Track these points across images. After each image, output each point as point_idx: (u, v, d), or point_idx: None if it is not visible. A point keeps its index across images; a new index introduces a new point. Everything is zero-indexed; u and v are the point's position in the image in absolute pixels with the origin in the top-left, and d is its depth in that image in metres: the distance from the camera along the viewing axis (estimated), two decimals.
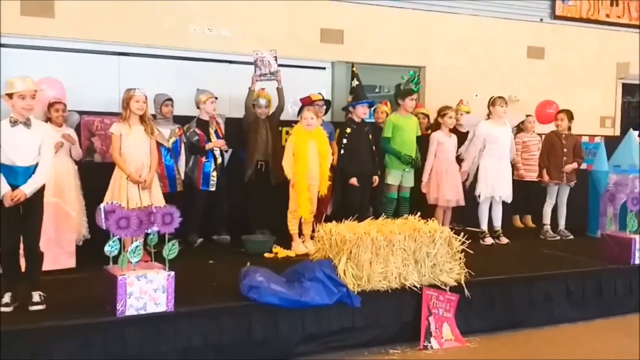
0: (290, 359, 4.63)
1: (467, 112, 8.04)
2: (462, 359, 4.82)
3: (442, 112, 7.41)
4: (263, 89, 7.03)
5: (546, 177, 7.67)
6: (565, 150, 7.65)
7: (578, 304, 5.79)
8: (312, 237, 5.94)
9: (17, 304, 4.29)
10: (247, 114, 6.93)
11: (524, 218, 8.75)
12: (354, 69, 7.32)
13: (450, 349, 4.96)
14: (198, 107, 6.79)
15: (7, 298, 4.28)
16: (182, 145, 6.64)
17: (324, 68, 8.27)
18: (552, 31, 9.57)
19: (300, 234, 6.52)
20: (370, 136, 7.01)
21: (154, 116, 6.39)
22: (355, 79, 7.15)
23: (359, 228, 5.09)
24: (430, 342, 4.97)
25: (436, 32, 8.76)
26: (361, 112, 6.99)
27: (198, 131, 6.69)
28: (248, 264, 5.03)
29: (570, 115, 7.68)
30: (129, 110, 5.56)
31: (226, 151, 6.95)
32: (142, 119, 5.62)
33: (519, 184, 7.77)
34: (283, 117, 7.21)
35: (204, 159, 6.69)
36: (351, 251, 4.88)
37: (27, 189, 4.29)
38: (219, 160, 6.79)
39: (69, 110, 6.35)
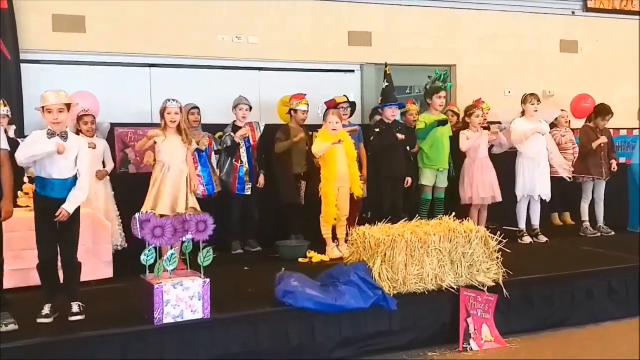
0: None
1: (489, 109, 7.90)
2: None
3: (469, 112, 7.33)
4: (304, 95, 7.02)
5: (587, 173, 7.51)
6: (603, 145, 7.54)
7: (621, 302, 5.64)
8: (346, 241, 5.91)
9: (57, 315, 4.36)
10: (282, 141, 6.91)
11: (562, 215, 8.59)
12: (387, 69, 7.26)
13: (491, 351, 4.88)
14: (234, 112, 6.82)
15: (46, 309, 4.34)
16: (212, 153, 6.68)
17: (352, 71, 8.24)
18: (585, 24, 9.38)
19: (335, 238, 6.50)
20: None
21: None
22: (386, 80, 7.10)
23: (392, 230, 5.05)
24: (469, 344, 4.89)
25: (466, 30, 8.66)
26: (389, 114, 6.97)
27: (233, 134, 6.71)
28: (283, 269, 5.03)
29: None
30: (164, 120, 5.65)
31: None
32: (178, 129, 5.68)
33: (557, 181, 7.59)
34: (311, 121, 7.20)
35: (239, 164, 6.69)
36: (385, 254, 4.84)
37: (70, 207, 4.31)
38: (247, 167, 6.76)
39: (98, 122, 6.45)
